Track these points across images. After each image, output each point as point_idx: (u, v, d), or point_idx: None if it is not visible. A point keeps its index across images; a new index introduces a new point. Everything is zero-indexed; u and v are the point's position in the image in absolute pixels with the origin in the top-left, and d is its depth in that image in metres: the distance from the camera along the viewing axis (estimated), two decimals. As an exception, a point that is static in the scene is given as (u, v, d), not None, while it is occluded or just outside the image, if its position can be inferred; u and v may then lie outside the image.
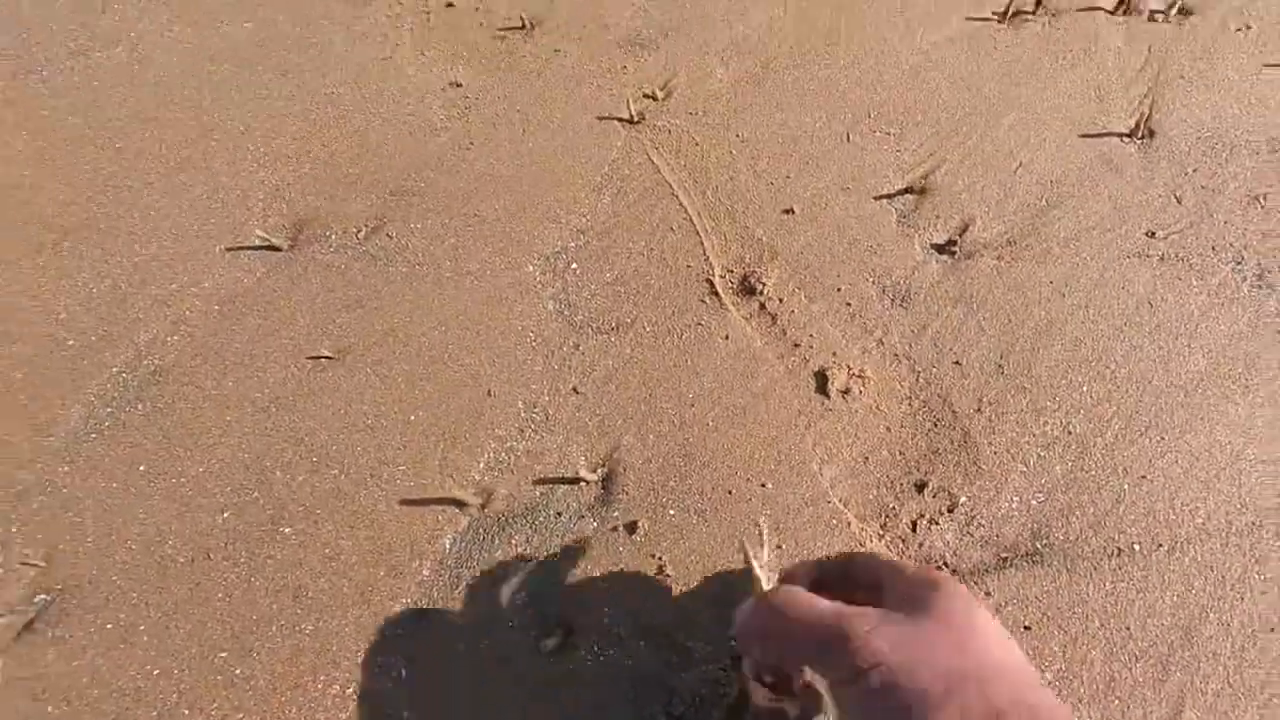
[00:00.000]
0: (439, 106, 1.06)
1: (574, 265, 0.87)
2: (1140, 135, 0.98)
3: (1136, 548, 0.66)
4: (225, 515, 0.70)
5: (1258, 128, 0.98)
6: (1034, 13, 1.16)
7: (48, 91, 1.09)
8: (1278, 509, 0.68)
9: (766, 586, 0.54)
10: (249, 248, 0.90)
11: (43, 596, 0.66)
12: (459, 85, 1.08)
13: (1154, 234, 0.87)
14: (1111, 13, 1.15)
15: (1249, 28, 1.11)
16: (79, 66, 1.13)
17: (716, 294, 0.84)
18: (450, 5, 1.21)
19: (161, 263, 0.89)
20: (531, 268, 0.87)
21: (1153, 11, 1.15)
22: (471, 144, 1.00)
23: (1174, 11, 1.14)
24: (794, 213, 0.91)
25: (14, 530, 0.70)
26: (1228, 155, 0.95)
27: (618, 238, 0.90)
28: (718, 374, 0.77)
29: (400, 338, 0.82)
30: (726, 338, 0.80)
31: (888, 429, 0.74)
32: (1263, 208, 0.90)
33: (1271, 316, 0.80)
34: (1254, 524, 0.67)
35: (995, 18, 1.15)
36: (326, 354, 0.80)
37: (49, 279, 0.88)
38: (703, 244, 0.88)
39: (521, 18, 1.16)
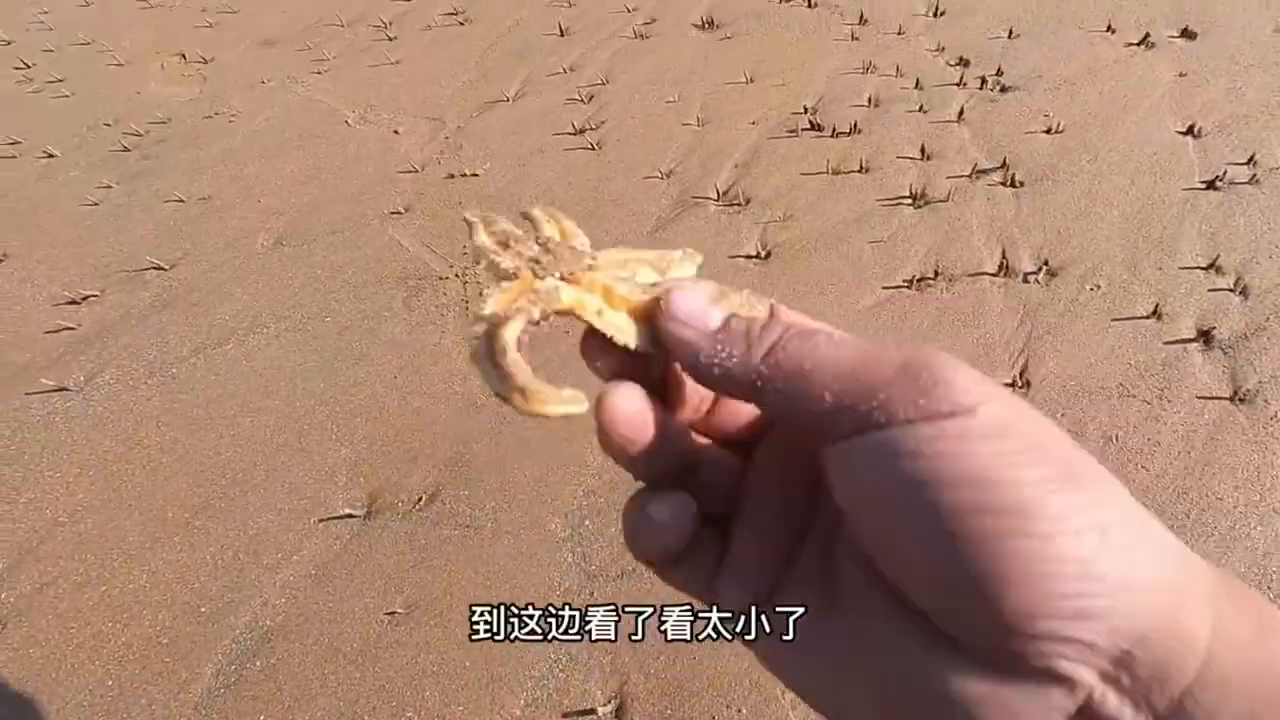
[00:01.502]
0: (478, 385, 1.37)
1: (587, 521, 1.13)
2: (1019, 386, 1.26)
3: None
4: (327, 756, 0.91)
5: (1110, 375, 1.27)
6: (935, 279, 1.49)
7: (178, 386, 1.41)
8: None
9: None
10: (335, 517, 1.17)
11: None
12: (493, 366, 1.40)
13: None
14: (994, 275, 1.49)
15: (1099, 287, 1.43)
16: (200, 362, 1.46)
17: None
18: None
19: (269, 535, 1.15)
20: (554, 525, 1.13)
21: (1026, 273, 1.48)
22: (506, 419, 1.30)
23: (1042, 274, 1.47)
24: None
25: (166, 777, 0.91)
26: (1088, 401, 1.23)
27: (625, 493, 1.16)
28: (701, 613, 1.01)
29: (455, 594, 1.06)
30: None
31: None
32: (1115, 445, 1.16)
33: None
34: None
35: (906, 284, 1.49)
36: (399, 610, 1.04)
37: (185, 554, 1.14)
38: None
39: (539, 304, 1.51)
